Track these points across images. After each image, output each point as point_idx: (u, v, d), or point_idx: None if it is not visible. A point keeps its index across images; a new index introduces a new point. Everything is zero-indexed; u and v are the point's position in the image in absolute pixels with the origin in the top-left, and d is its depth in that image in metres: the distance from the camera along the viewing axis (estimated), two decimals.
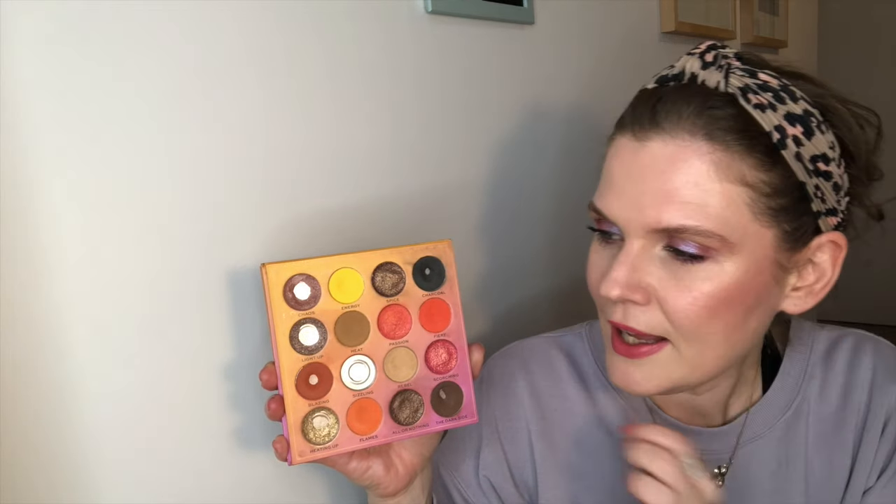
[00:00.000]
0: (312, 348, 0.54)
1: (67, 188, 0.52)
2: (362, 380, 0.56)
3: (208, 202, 0.60)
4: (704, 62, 0.54)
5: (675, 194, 0.51)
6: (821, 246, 0.55)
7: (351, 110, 0.71)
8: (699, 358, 0.54)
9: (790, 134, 0.51)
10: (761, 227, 0.52)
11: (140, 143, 0.55)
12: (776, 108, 0.51)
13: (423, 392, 0.58)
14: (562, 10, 0.99)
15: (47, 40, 0.50)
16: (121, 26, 0.54)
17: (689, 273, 0.52)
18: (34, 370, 0.51)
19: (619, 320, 0.54)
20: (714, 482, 0.54)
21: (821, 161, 0.52)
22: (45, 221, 0.51)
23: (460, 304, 0.59)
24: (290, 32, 0.65)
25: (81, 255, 0.53)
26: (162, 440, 0.58)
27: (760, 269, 0.53)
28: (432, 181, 0.81)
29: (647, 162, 0.52)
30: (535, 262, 0.99)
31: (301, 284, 0.54)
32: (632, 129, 0.54)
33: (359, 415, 0.56)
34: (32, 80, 0.49)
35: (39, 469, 0.52)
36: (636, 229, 0.53)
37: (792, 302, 0.56)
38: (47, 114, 0.50)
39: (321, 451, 0.54)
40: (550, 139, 0.99)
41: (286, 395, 0.53)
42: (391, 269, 0.57)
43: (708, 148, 0.50)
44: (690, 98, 0.52)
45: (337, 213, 0.70)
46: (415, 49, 0.77)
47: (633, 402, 0.65)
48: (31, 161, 0.50)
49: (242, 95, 0.62)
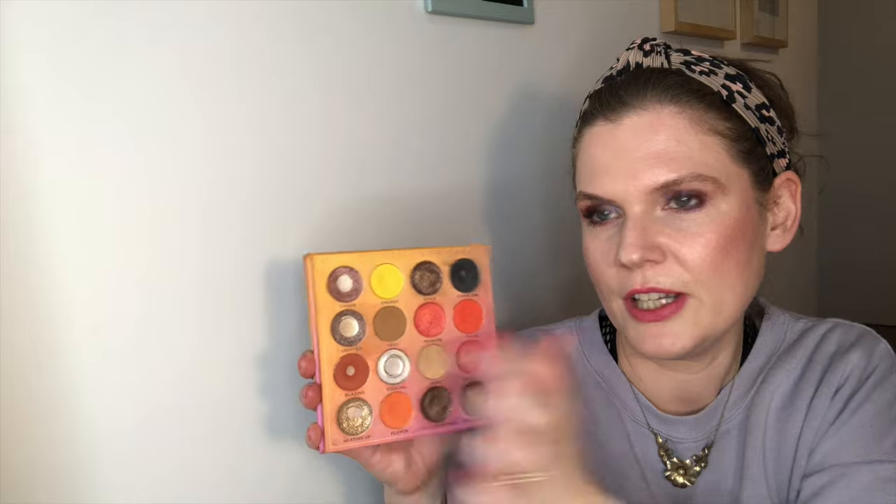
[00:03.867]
0: (352, 339, 0.56)
1: (67, 189, 0.52)
2: (397, 374, 0.58)
3: (208, 203, 0.61)
4: (644, 51, 0.62)
5: (663, 153, 0.57)
6: (781, 185, 0.63)
7: (350, 110, 0.71)
8: (721, 301, 0.59)
9: (734, 90, 0.60)
10: (739, 168, 0.59)
11: (140, 143, 0.55)
12: (716, 73, 0.61)
13: (453, 390, 0.59)
14: (562, 10, 1.00)
15: (47, 40, 0.50)
16: (121, 27, 0.54)
17: (693, 222, 0.57)
18: (37, 369, 0.51)
19: (640, 285, 0.58)
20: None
21: (763, 109, 0.61)
22: (44, 224, 0.51)
23: (493, 308, 0.61)
24: (290, 32, 0.66)
25: (81, 260, 0.53)
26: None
27: (748, 206, 0.60)
28: (432, 181, 0.81)
29: (628, 135, 0.59)
30: (538, 260, 0.99)
31: (344, 276, 0.56)
32: (603, 114, 0.60)
33: (391, 408, 0.57)
34: (33, 80, 0.50)
35: (39, 469, 0.52)
36: (636, 196, 0.58)
37: (773, 240, 0.63)
38: (48, 114, 0.50)
39: (354, 441, 0.55)
40: (550, 138, 0.99)
41: (324, 384, 0.55)
42: (429, 269, 0.59)
43: (677, 109, 0.58)
44: (647, 78, 0.60)
45: (335, 213, 0.70)
46: (415, 49, 0.78)
47: (622, 397, 0.68)
48: (30, 161, 0.50)
49: (242, 96, 0.62)
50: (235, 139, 0.62)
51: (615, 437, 0.67)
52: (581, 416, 0.62)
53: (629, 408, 0.67)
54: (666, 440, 0.66)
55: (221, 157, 0.61)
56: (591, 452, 0.62)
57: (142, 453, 0.57)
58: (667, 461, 0.65)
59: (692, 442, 0.66)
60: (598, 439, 0.67)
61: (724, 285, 0.58)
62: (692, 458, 0.65)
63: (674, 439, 0.66)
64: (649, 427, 0.66)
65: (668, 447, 0.66)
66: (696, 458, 0.65)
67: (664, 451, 0.66)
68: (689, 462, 0.65)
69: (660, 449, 0.66)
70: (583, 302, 0.77)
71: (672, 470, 0.65)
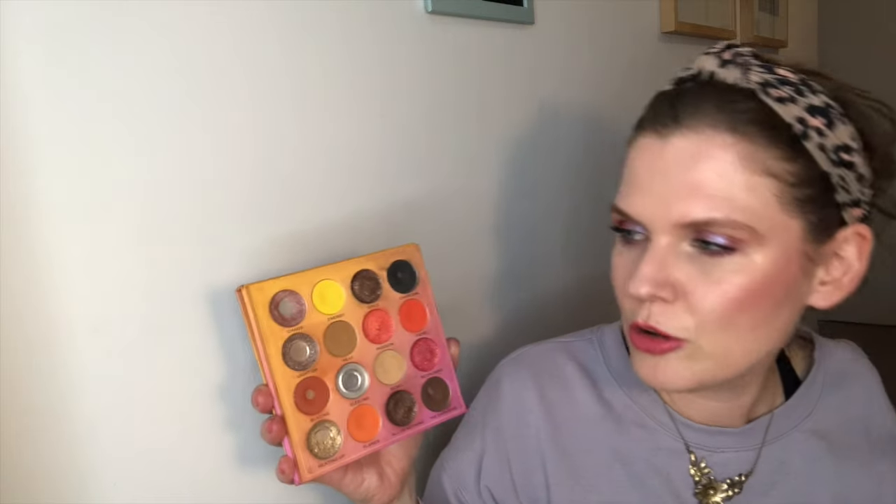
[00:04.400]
0: (305, 363, 0.55)
1: (67, 189, 0.52)
2: (356, 387, 0.58)
3: (208, 203, 0.61)
4: (722, 60, 0.54)
5: (701, 187, 0.51)
6: (847, 238, 0.55)
7: (350, 110, 0.71)
8: (725, 353, 0.54)
9: (812, 125, 0.52)
10: (788, 217, 0.52)
11: (139, 144, 0.56)
12: (796, 101, 0.52)
13: (414, 391, 0.60)
14: (562, 10, 1.00)
15: (47, 40, 0.50)
16: (119, 28, 0.54)
17: (717, 266, 0.52)
18: (33, 372, 0.51)
19: (643, 320, 0.54)
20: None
21: (843, 151, 0.53)
22: (44, 224, 0.51)
23: (434, 303, 0.62)
24: (288, 33, 0.65)
25: (79, 258, 0.53)
26: (160, 444, 0.59)
27: (789, 261, 0.53)
28: (432, 181, 0.81)
29: (670, 157, 0.52)
30: (538, 263, 0.99)
31: (285, 300, 0.55)
32: (653, 127, 0.54)
33: (358, 422, 0.57)
34: (32, 81, 0.50)
35: (39, 469, 0.52)
36: (662, 226, 0.53)
37: (820, 296, 0.56)
38: (48, 114, 0.50)
39: (329, 463, 0.55)
40: (550, 138, 0.99)
41: (287, 414, 0.54)
42: (368, 276, 0.59)
43: (731, 140, 0.51)
44: (711, 94, 0.53)
45: (334, 216, 0.70)
46: (415, 49, 0.77)
47: (651, 408, 0.64)
48: (29, 162, 0.50)
49: (241, 96, 0.62)
50: (237, 139, 0.62)
51: (641, 456, 0.63)
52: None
53: (659, 416, 0.64)
54: (701, 458, 0.62)
55: (222, 158, 0.61)
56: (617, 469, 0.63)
57: (142, 453, 0.57)
58: (698, 478, 0.62)
59: (734, 452, 0.63)
60: (623, 458, 0.63)
61: (730, 339, 0.53)
62: (728, 482, 0.62)
63: (709, 447, 0.63)
64: (683, 439, 0.63)
65: (702, 465, 0.63)
66: (730, 483, 0.62)
67: (696, 469, 0.63)
68: (725, 485, 0.62)
69: (692, 466, 0.63)
70: (592, 301, 0.76)
71: (702, 491, 0.62)
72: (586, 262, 1.07)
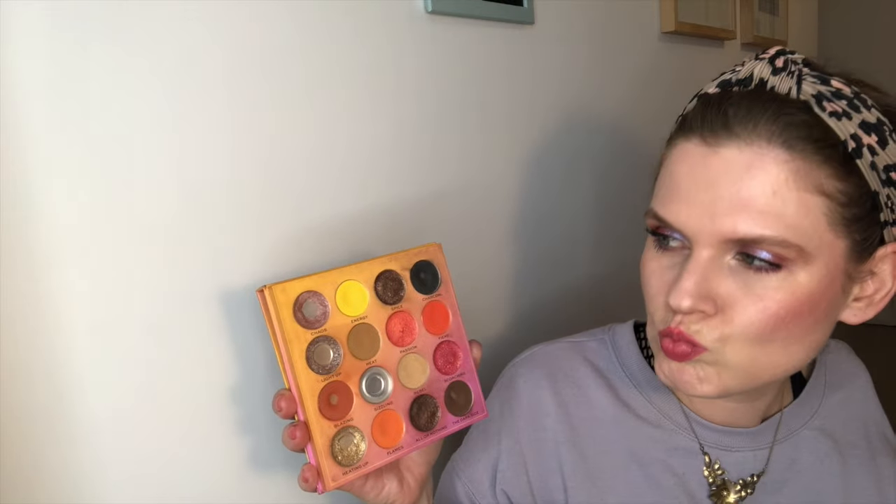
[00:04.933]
0: (329, 366, 0.53)
1: (67, 189, 0.52)
2: (380, 392, 0.56)
3: (217, 204, 0.61)
4: (775, 67, 0.53)
5: (751, 203, 0.49)
6: (884, 257, 0.54)
7: (350, 110, 0.71)
8: (752, 365, 0.53)
9: (865, 143, 0.50)
10: (835, 237, 0.51)
11: (140, 144, 0.55)
12: (851, 117, 0.51)
13: (437, 395, 0.58)
14: (562, 10, 0.99)
15: (47, 40, 0.50)
16: (121, 27, 0.54)
17: (760, 282, 0.51)
18: (33, 373, 0.51)
19: (674, 325, 0.53)
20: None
21: (893, 171, 0.52)
22: (44, 224, 0.51)
23: (457, 305, 0.60)
24: (288, 33, 0.65)
25: (79, 258, 0.53)
26: (162, 446, 0.59)
27: (832, 280, 0.52)
28: (432, 182, 0.81)
29: (720, 169, 0.50)
30: (540, 262, 0.99)
31: (310, 301, 0.53)
32: (701, 133, 0.52)
33: (382, 428, 0.55)
34: (32, 80, 0.50)
35: (39, 469, 0.52)
36: (707, 238, 0.51)
37: (852, 312, 0.56)
38: (48, 114, 0.50)
39: (353, 471, 0.53)
40: (550, 138, 0.99)
41: (311, 420, 0.52)
42: (391, 277, 0.57)
43: (786, 156, 0.49)
44: (765, 104, 0.50)
45: (338, 218, 0.70)
46: (415, 49, 0.77)
47: (667, 408, 0.64)
48: (30, 161, 0.50)
49: (241, 96, 0.62)
50: (236, 139, 0.62)
51: (657, 456, 0.63)
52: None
53: (674, 416, 0.64)
54: (715, 459, 0.62)
55: (222, 158, 0.61)
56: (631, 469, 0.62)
57: (141, 453, 0.57)
58: (712, 479, 0.62)
59: (749, 451, 0.63)
60: (639, 458, 0.63)
61: (759, 353, 0.53)
62: (741, 483, 0.62)
63: (724, 446, 0.63)
64: (698, 439, 0.63)
65: (716, 466, 0.62)
66: (742, 483, 0.62)
67: (710, 470, 0.62)
68: (738, 486, 0.62)
69: (706, 468, 0.62)
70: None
71: (716, 492, 0.62)
72: (586, 262, 1.07)
